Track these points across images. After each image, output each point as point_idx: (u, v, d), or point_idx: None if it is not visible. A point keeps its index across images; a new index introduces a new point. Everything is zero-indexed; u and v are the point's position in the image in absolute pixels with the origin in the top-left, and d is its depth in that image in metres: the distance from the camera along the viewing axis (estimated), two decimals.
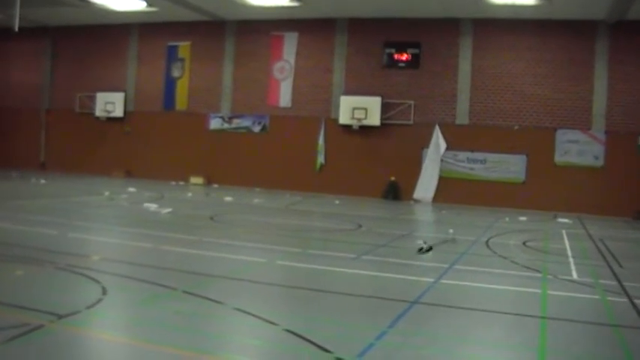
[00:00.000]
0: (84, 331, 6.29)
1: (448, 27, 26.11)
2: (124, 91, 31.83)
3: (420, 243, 13.13)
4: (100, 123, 32.04)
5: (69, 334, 6.12)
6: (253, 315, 7.07)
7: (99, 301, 7.32)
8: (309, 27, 28.29)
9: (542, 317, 7.89)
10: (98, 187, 24.59)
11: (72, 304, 7.00)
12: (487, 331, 7.30)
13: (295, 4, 25.57)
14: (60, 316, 6.47)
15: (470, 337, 7.02)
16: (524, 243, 14.94)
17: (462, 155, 25.98)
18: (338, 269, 10.35)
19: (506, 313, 8.04)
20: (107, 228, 14.47)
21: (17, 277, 8.45)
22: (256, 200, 23.03)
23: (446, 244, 13.95)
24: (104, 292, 7.73)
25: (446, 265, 11.17)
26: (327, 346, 6.02)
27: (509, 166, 25.38)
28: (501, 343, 6.80)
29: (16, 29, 21.96)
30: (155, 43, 31.23)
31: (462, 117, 26.01)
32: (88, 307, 6.98)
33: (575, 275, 10.87)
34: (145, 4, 27.41)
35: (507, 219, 20.93)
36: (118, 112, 31.62)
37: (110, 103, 31.65)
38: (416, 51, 26.65)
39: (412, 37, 26.68)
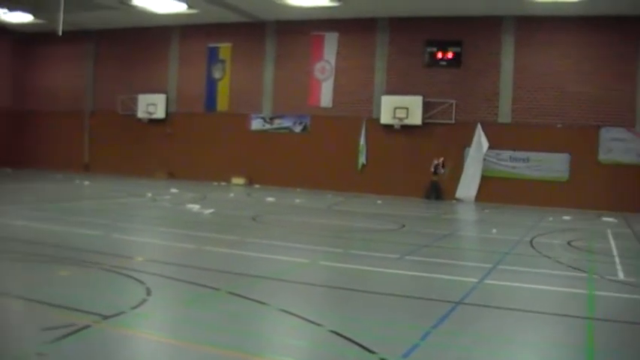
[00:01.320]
0: (129, 332, 6.33)
1: (490, 25, 25.89)
2: (166, 92, 32.14)
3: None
4: (142, 125, 32.41)
5: (114, 335, 6.17)
6: (297, 316, 7.06)
7: (143, 301, 7.37)
8: (350, 27, 28.26)
9: (589, 318, 7.77)
10: (141, 188, 24.83)
11: (117, 304, 7.05)
12: (533, 332, 7.19)
13: (335, 3, 25.55)
14: (105, 317, 6.52)
15: (515, 338, 6.94)
16: (568, 242, 14.72)
17: (505, 154, 25.75)
18: (381, 269, 10.30)
19: (552, 314, 7.91)
20: (150, 229, 14.60)
21: (63, 278, 8.56)
22: (298, 200, 23.06)
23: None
24: (148, 292, 7.78)
25: (490, 265, 11.05)
26: (372, 347, 5.98)
27: (553, 165, 25.08)
28: (547, 344, 6.69)
29: (60, 33, 22.31)
30: (196, 45, 31.48)
31: (504, 115, 25.75)
32: (133, 308, 7.03)
33: (621, 275, 10.68)
34: (185, 6, 27.62)
35: (551, 218, 20.65)
36: (160, 113, 31.95)
37: (152, 105, 31.98)
38: (457, 49, 26.47)
39: (454, 35, 26.51)
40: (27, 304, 7.11)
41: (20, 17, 31.56)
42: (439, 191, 26.38)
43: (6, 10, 30.35)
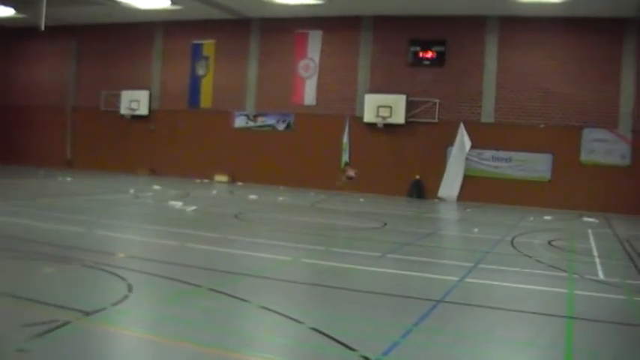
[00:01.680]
0: (110, 328, 6.33)
1: (474, 24, 25.98)
2: (149, 89, 32.03)
3: None
4: (125, 121, 32.28)
5: (96, 331, 6.17)
6: (279, 313, 7.08)
7: (125, 298, 7.37)
8: (334, 25, 28.27)
9: (569, 317, 7.84)
10: (123, 184, 24.75)
11: (98, 301, 7.05)
12: (513, 330, 7.26)
13: (319, 1, 25.56)
14: (87, 313, 6.52)
15: (495, 336, 6.99)
16: (549, 242, 14.83)
17: (487, 154, 25.86)
18: (363, 267, 10.34)
19: (532, 313, 7.97)
20: (133, 226, 14.56)
21: (45, 274, 8.54)
22: (281, 198, 23.07)
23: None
24: (130, 289, 7.78)
25: (471, 264, 11.12)
26: (353, 345, 6.02)
27: (535, 165, 25.21)
28: (527, 343, 6.74)
29: (43, 28, 22.16)
30: (180, 42, 31.39)
31: (488, 115, 25.88)
32: (114, 304, 7.03)
33: (601, 275, 10.78)
34: (169, 2, 27.52)
35: (532, 218, 20.79)
36: (143, 110, 31.84)
37: (135, 101, 31.86)
38: (441, 49, 26.55)
39: (437, 34, 26.58)
40: (7, 300, 7.08)
41: (2, 11, 31.19)
42: (421, 190, 26.47)
43: None
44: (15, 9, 30.39)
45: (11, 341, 5.61)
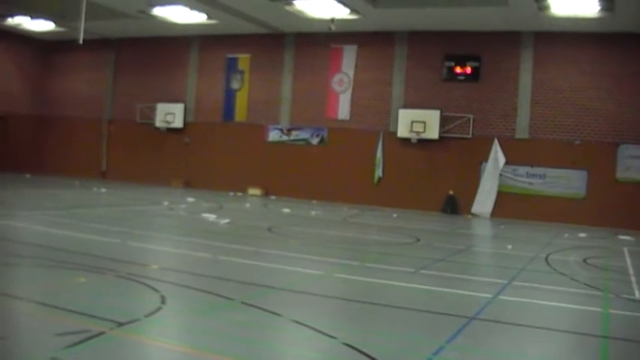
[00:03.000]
0: (143, 339, 6.37)
1: (509, 40, 25.85)
2: (184, 102, 32.30)
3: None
4: (159, 133, 32.57)
5: (129, 342, 6.20)
6: (311, 327, 7.07)
7: (158, 309, 7.41)
8: (368, 39, 28.31)
9: (604, 337, 7.72)
10: (158, 196, 24.94)
11: (132, 312, 7.10)
12: (547, 349, 7.16)
13: (355, 16, 25.60)
14: (120, 324, 6.56)
15: (529, 354, 6.90)
16: (584, 260, 14.65)
17: (522, 170, 25.64)
18: (396, 283, 10.30)
19: (566, 332, 7.89)
20: (166, 237, 14.66)
21: (79, 284, 8.62)
22: (314, 212, 23.09)
23: None
24: (163, 300, 7.82)
25: (504, 281, 11.02)
26: None
27: (570, 182, 24.94)
28: None
29: (81, 41, 22.48)
30: (215, 55, 31.65)
31: (522, 131, 25.68)
32: (147, 316, 7.07)
33: (637, 294, 10.61)
34: (205, 16, 27.76)
35: (567, 235, 20.56)
36: (178, 122, 32.10)
37: (170, 114, 32.16)
38: (476, 64, 26.45)
39: (472, 50, 26.49)
40: (43, 309, 7.15)
41: (42, 25, 31.95)
42: (455, 206, 26.32)
43: (29, 18, 30.72)
44: (54, 23, 31.01)
45: (44, 349, 5.67)
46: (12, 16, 30.56)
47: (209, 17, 27.86)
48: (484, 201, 26.04)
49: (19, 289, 8.27)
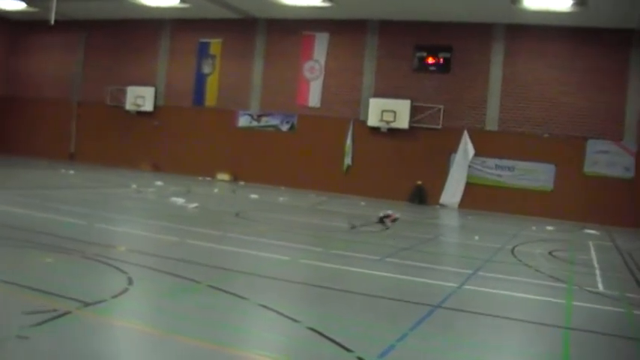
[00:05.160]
0: (109, 319, 6.38)
1: (480, 31, 25.97)
2: (155, 85, 32.07)
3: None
4: (129, 116, 32.33)
5: (95, 322, 6.21)
6: (276, 311, 7.11)
7: (125, 290, 7.42)
8: (340, 28, 28.30)
9: (566, 328, 7.83)
10: (126, 179, 24.77)
11: (98, 292, 7.09)
12: (509, 339, 7.27)
13: (327, 4, 25.58)
14: (86, 304, 6.56)
15: (492, 344, 6.99)
16: (550, 252, 14.83)
17: (490, 162, 25.83)
18: (361, 270, 10.36)
19: (529, 322, 7.98)
20: (134, 220, 14.59)
21: (46, 265, 8.56)
22: (282, 199, 23.09)
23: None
24: (130, 282, 7.82)
25: (470, 271, 11.12)
26: (349, 346, 6.03)
27: (538, 175, 25.18)
28: (524, 352, 6.77)
29: (52, 22, 22.26)
30: (186, 39, 31.44)
31: (492, 123, 25.87)
32: (114, 297, 7.07)
33: (600, 287, 10.77)
34: (177, 0, 27.56)
35: (534, 228, 20.77)
36: (148, 106, 31.89)
37: (140, 97, 31.92)
38: (447, 55, 26.55)
39: (444, 40, 26.58)
40: (9, 287, 7.14)
41: (13, 5, 31.43)
42: (423, 196, 26.46)
43: None
44: (26, 3, 30.55)
45: (11, 327, 5.67)
46: None
47: (181, 1, 27.66)
48: (452, 192, 26.20)
49: None
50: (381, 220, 16.79)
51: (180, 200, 18.39)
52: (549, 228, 20.92)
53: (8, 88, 35.91)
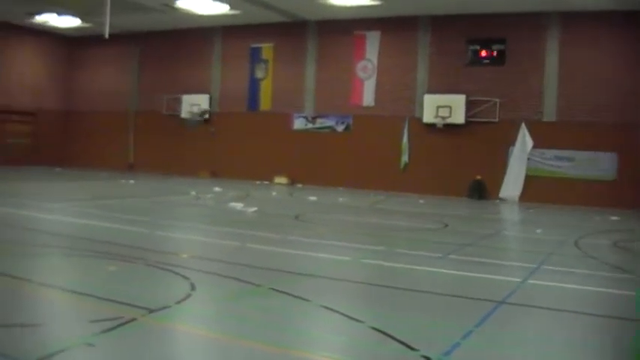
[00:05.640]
0: (174, 325, 6.44)
1: (533, 21, 25.52)
2: (209, 92, 32.41)
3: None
4: (186, 124, 32.71)
5: (160, 328, 6.29)
6: (339, 312, 7.08)
7: (188, 296, 7.48)
8: (392, 25, 28.18)
9: (636, 320, 7.65)
10: (185, 187, 25.06)
11: (162, 299, 7.17)
12: (576, 333, 7.09)
13: (377, 2, 25.51)
14: (151, 311, 6.63)
15: (558, 338, 6.83)
16: (615, 243, 14.51)
17: (550, 153, 25.39)
18: (423, 268, 10.28)
19: (597, 316, 7.82)
20: (194, 226, 14.73)
21: (110, 273, 8.71)
22: (340, 199, 23.08)
23: None
24: (193, 288, 7.89)
25: (534, 265, 10.95)
26: (413, 344, 5.98)
27: (599, 164, 24.64)
28: (592, 346, 6.61)
29: (106, 36, 22.69)
30: (238, 45, 31.70)
31: (549, 114, 25.42)
32: (178, 303, 7.14)
33: None
34: (227, 7, 27.82)
35: (597, 218, 20.35)
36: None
37: (195, 105, 32.27)
38: (501, 47, 26.20)
39: (497, 32, 26.24)
40: (75, 296, 7.29)
41: (69, 22, 32.32)
42: (483, 191, 26.16)
43: (55, 15, 31.07)
44: (81, 18, 31.32)
45: (79, 335, 5.78)
46: (40, 13, 30.86)
47: (231, 8, 27.90)
48: (512, 185, 25.84)
49: (52, 278, 8.44)
50: (200, 115, 16.26)
51: (239, 205, 18.52)
52: (613, 218, 20.44)
53: (68, 102, 36.86)
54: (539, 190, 25.24)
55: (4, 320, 6.14)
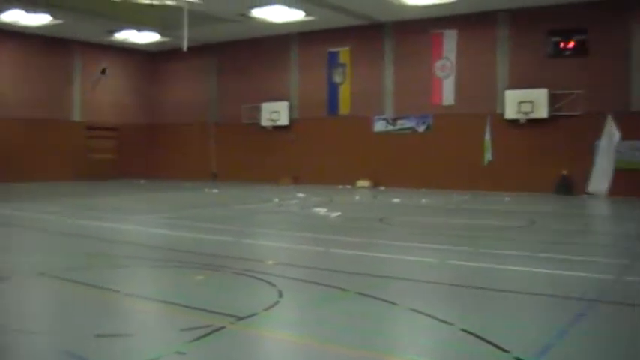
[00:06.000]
0: (263, 332, 6.49)
1: (614, 9, 24.72)
2: (288, 99, 32.65)
3: None
4: (266, 132, 33.06)
5: (249, 335, 6.35)
6: (428, 315, 7.00)
7: (275, 303, 7.52)
8: (468, 22, 27.82)
9: None
10: (267, 194, 25.30)
11: (250, 306, 7.23)
12: None
13: (452, 0, 25.24)
14: (239, 318, 6.69)
15: None
16: None
17: (639, 144, 24.54)
18: (512, 267, 10.08)
19: None
20: (279, 233, 14.82)
21: (198, 282, 8.84)
22: (424, 201, 22.90)
23: None
24: (280, 294, 7.93)
25: (627, 261, 10.61)
26: (505, 346, 5.85)
27: None
28: None
29: (185, 49, 23.16)
30: (315, 51, 31.85)
31: (637, 103, 24.58)
32: (266, 309, 7.18)
33: None
34: (303, 13, 27.98)
35: None
36: (283, 120, 32.49)
37: (275, 113, 32.57)
38: (582, 37, 25.50)
39: (577, 22, 25.56)
40: (165, 306, 7.45)
41: (148, 37, 33.20)
42: (569, 186, 25.53)
43: (135, 31, 31.91)
44: (159, 33, 32.07)
45: (170, 344, 5.89)
46: (120, 30, 31.74)
47: (307, 14, 28.05)
48: (600, 179, 25.06)
49: (141, 288, 8.65)
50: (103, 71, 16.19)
51: (322, 210, 18.58)
52: None
53: (150, 116, 37.76)
54: (630, 184, 24.37)
55: (97, 330, 6.29)
